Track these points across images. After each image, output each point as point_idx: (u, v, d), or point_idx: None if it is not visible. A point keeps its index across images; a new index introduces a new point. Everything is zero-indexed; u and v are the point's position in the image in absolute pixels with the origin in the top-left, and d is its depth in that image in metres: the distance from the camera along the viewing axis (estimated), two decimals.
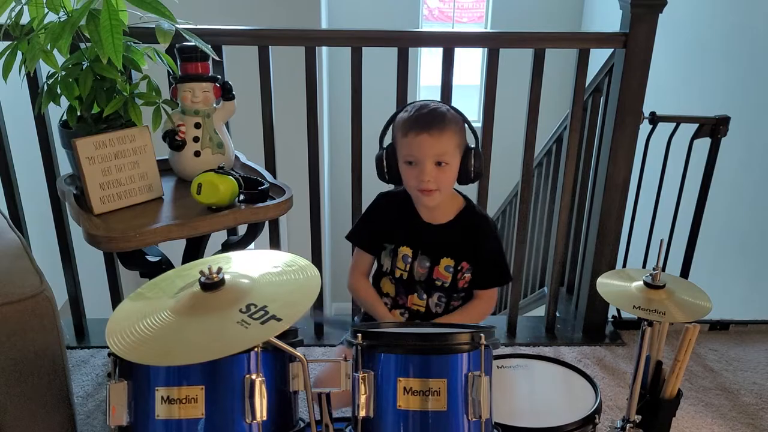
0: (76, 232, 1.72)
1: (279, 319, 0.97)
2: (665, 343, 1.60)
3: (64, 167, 1.87)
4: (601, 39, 2.26)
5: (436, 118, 1.46)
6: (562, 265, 2.58)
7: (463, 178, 1.54)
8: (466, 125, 1.53)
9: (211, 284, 1.03)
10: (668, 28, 2.30)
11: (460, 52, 2.16)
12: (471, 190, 1.74)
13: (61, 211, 2.20)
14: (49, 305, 1.35)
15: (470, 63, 6.83)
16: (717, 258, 3.37)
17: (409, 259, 1.58)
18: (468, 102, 6.97)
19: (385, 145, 1.58)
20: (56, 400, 1.42)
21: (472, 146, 1.54)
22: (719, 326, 2.53)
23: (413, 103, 1.54)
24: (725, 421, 2.03)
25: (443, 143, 1.46)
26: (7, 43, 1.55)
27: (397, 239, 1.60)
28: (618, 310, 2.52)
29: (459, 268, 1.57)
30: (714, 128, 2.28)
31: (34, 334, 1.34)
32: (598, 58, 2.29)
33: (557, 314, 2.54)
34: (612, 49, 2.22)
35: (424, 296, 1.58)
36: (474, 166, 1.52)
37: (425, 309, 1.59)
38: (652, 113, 2.24)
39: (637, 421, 1.53)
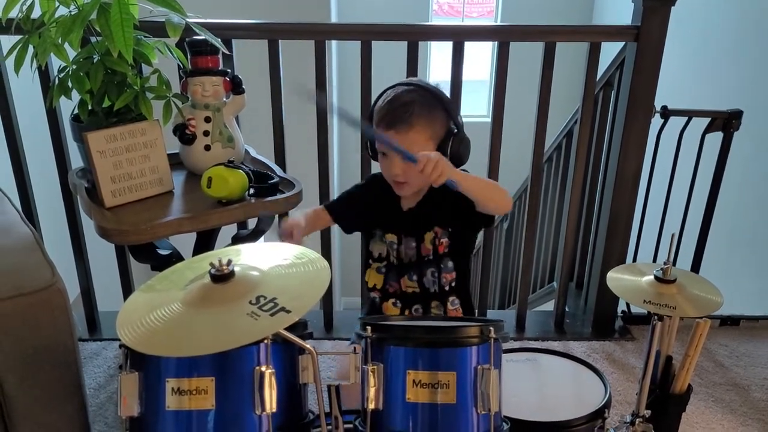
0: (88, 225, 1.74)
1: (288, 311, 0.97)
2: (675, 338, 1.60)
3: (76, 161, 1.89)
4: (613, 32, 2.24)
5: (402, 114, 1.42)
6: (572, 260, 2.57)
7: None
8: (446, 109, 1.47)
9: (221, 276, 1.03)
10: (680, 21, 2.27)
11: (469, 47, 2.15)
12: None
13: (73, 204, 2.21)
14: (60, 297, 1.36)
15: (480, 58, 6.81)
16: (728, 253, 3.35)
17: (395, 245, 1.57)
18: (478, 97, 6.95)
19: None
20: (68, 392, 1.43)
21: (455, 130, 1.48)
22: (730, 321, 2.52)
23: (393, 87, 1.50)
24: (735, 417, 2.02)
25: (409, 140, 1.42)
26: (19, 37, 1.56)
27: (381, 226, 1.59)
28: (628, 305, 2.51)
29: (435, 234, 1.55)
30: (726, 122, 2.26)
31: (46, 326, 1.35)
32: (610, 51, 2.28)
33: (566, 309, 2.53)
34: (623, 43, 2.21)
35: (415, 277, 1.57)
36: (451, 152, 1.47)
37: (420, 289, 1.58)
38: (664, 107, 2.23)
39: (647, 416, 1.52)
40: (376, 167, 2.18)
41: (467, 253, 1.62)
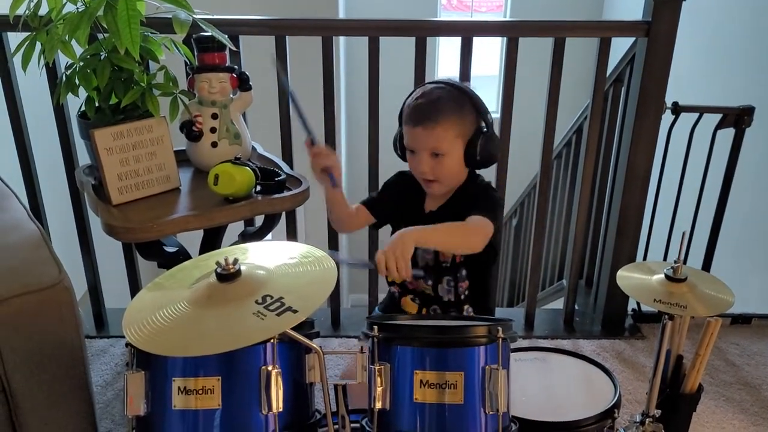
0: (95, 222, 1.73)
1: (295, 311, 0.97)
2: (686, 337, 1.58)
3: (83, 158, 1.89)
4: (623, 27, 2.22)
5: (431, 110, 1.41)
6: (581, 258, 2.56)
7: (469, 163, 1.48)
8: (476, 108, 1.45)
9: (228, 275, 1.03)
10: (692, 16, 2.25)
11: (478, 42, 2.14)
12: (490, 179, 1.71)
13: (80, 201, 2.22)
14: (67, 295, 1.36)
15: (489, 53, 6.78)
16: (740, 251, 3.32)
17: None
18: (487, 92, 6.92)
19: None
20: (75, 389, 1.43)
21: (485, 129, 1.46)
22: (741, 320, 2.49)
23: (424, 85, 1.50)
24: (747, 416, 2.00)
25: (436, 137, 1.42)
26: (26, 34, 1.56)
27: (405, 225, 1.58)
28: (638, 303, 2.50)
29: None
30: (738, 118, 2.23)
31: (52, 324, 1.36)
32: (620, 46, 2.26)
33: (576, 307, 2.51)
34: (634, 38, 2.18)
35: (430, 282, 1.56)
36: (480, 151, 1.45)
37: (434, 294, 1.57)
38: (675, 103, 2.21)
39: (657, 416, 1.51)
40: (383, 163, 2.17)
41: (484, 262, 1.58)
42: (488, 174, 1.65)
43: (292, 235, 2.32)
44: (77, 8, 1.51)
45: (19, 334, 1.32)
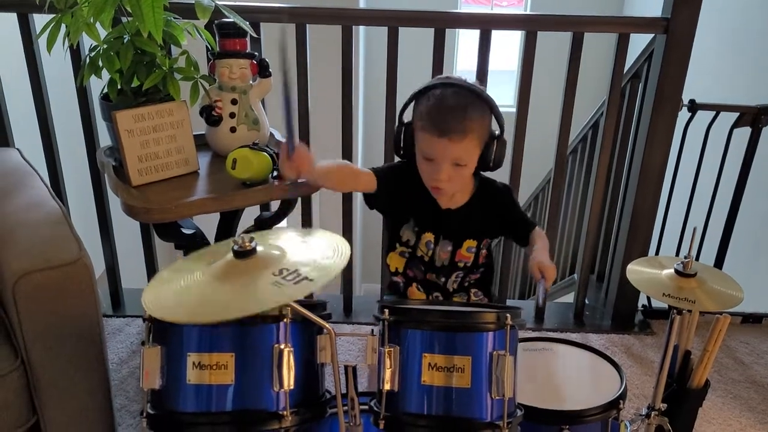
0: (114, 203, 1.77)
1: (311, 279, 0.98)
2: (696, 335, 1.59)
3: (104, 139, 1.92)
4: (642, 24, 2.22)
5: (458, 121, 1.35)
6: (593, 252, 2.56)
7: (481, 167, 1.46)
8: (493, 113, 1.42)
9: (244, 252, 1.04)
10: (711, 13, 2.24)
11: (497, 37, 2.14)
12: (504, 174, 1.72)
13: (101, 182, 2.25)
14: (86, 272, 1.39)
15: (508, 48, 6.76)
16: (755, 250, 3.30)
17: (432, 245, 1.54)
18: (504, 87, 6.90)
19: (405, 120, 1.48)
20: (92, 364, 1.46)
21: (497, 133, 1.44)
22: (752, 319, 2.49)
23: (436, 86, 1.40)
24: (754, 414, 2.01)
25: (464, 148, 1.37)
26: (52, 15, 1.59)
27: (419, 223, 1.54)
28: (648, 300, 2.50)
29: (480, 246, 1.54)
30: (755, 117, 2.23)
31: (72, 299, 1.39)
32: (638, 42, 2.25)
33: (586, 301, 2.52)
34: (652, 35, 2.18)
35: (443, 279, 1.57)
36: (494, 156, 1.43)
37: (443, 286, 1.58)
38: (692, 101, 2.20)
39: (663, 409, 1.52)
40: None
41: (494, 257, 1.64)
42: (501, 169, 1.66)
43: (307, 221, 2.35)
44: None
45: (39, 308, 1.36)
